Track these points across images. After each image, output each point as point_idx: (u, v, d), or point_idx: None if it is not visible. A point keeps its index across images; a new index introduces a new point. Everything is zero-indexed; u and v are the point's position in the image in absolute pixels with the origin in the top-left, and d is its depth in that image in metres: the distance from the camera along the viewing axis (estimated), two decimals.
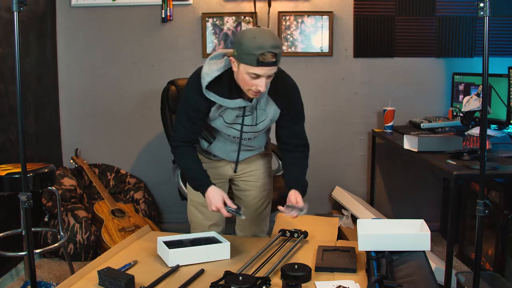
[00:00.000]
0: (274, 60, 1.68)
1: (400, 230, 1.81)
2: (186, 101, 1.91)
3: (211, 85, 1.83)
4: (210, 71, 1.81)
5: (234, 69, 1.76)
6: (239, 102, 1.83)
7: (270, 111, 1.93)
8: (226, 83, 1.83)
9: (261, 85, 1.72)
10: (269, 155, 2.29)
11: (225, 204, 1.87)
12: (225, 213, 1.86)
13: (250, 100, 1.85)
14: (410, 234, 1.75)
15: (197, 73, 1.86)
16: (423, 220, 1.80)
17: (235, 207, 1.87)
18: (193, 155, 1.98)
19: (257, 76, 1.70)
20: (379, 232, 1.79)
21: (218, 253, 1.82)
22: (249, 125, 1.94)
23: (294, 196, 1.91)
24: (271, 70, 1.71)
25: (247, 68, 1.69)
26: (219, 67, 1.82)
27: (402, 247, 1.69)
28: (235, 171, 2.14)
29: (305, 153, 2.04)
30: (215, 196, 1.87)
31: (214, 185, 1.93)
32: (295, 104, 2.00)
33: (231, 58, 1.75)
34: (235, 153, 2.07)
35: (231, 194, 2.28)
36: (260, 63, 1.66)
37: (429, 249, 1.71)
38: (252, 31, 1.71)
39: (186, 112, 1.91)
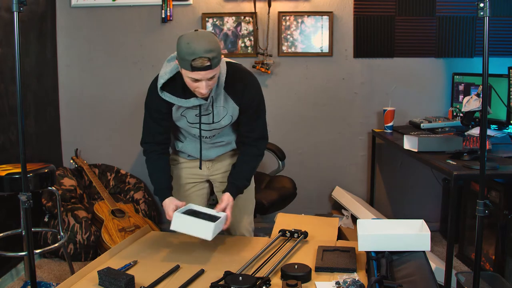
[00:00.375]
0: (208, 64, 1.69)
1: (400, 230, 1.81)
2: (147, 104, 1.97)
3: (166, 86, 1.87)
4: (164, 73, 1.86)
5: (181, 70, 1.78)
6: (193, 101, 1.86)
7: (229, 108, 1.95)
8: (180, 84, 1.85)
9: (202, 87, 1.74)
10: None
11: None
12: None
13: (206, 98, 1.87)
14: (410, 234, 1.75)
15: (157, 75, 1.91)
16: (423, 220, 1.80)
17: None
18: (159, 164, 2.02)
19: (196, 80, 1.73)
20: (379, 232, 1.79)
21: (202, 231, 1.79)
22: (209, 123, 1.96)
23: (225, 203, 1.94)
24: (208, 74, 1.72)
25: (186, 72, 1.73)
26: (172, 69, 1.86)
27: (402, 247, 1.69)
28: (199, 167, 2.13)
29: (259, 149, 2.05)
30: (167, 205, 1.92)
31: (172, 196, 1.98)
32: (254, 101, 1.98)
33: (176, 61, 1.79)
34: (207, 151, 2.10)
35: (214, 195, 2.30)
36: (194, 68, 1.69)
37: (429, 249, 1.71)
38: (188, 36, 1.72)
39: (149, 113, 1.97)
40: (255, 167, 2.09)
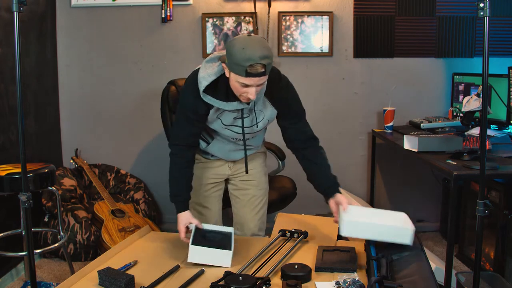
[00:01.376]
0: (263, 71, 1.68)
1: (384, 221, 1.80)
2: (184, 105, 1.93)
3: (208, 89, 1.84)
4: (207, 75, 1.83)
5: (227, 75, 1.78)
6: (236, 105, 1.86)
7: (267, 112, 1.96)
8: (223, 87, 1.84)
9: (251, 93, 1.74)
10: (264, 154, 2.32)
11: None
12: (183, 238, 1.89)
13: (248, 102, 1.86)
14: (394, 226, 1.76)
15: (194, 77, 1.88)
16: (405, 214, 1.86)
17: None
18: (185, 172, 2.00)
19: (247, 85, 1.72)
20: (362, 220, 1.79)
21: (221, 260, 1.79)
22: (248, 127, 1.96)
23: (344, 200, 2.00)
24: (260, 80, 1.71)
25: (237, 77, 1.71)
26: (215, 71, 1.83)
27: (383, 237, 1.71)
28: (246, 172, 2.15)
29: (317, 146, 2.08)
30: (183, 219, 1.92)
31: (189, 209, 1.97)
32: (293, 104, 2.02)
33: (223, 64, 1.76)
34: (233, 153, 2.11)
35: (227, 194, 2.30)
36: (248, 74, 1.67)
37: (410, 244, 1.71)
38: (242, 41, 1.69)
39: (185, 115, 1.93)
40: (326, 160, 2.11)
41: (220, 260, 1.78)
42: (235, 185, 2.24)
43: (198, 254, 1.78)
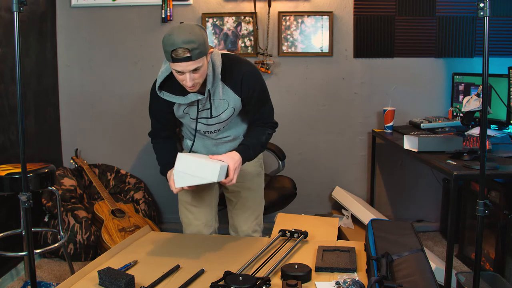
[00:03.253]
0: (188, 55, 1.67)
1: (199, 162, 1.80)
2: (149, 106, 2.02)
3: (164, 86, 1.88)
4: (161, 72, 1.87)
5: None
6: (190, 97, 1.85)
7: (230, 100, 1.93)
8: (177, 81, 1.84)
9: (186, 79, 1.74)
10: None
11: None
12: (176, 190, 1.91)
13: (203, 92, 1.87)
14: (204, 162, 1.77)
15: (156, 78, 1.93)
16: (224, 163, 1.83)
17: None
18: (164, 146, 2.09)
19: (180, 72, 1.73)
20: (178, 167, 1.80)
21: (207, 173, 1.76)
22: (207, 117, 1.95)
23: (225, 156, 1.90)
24: (189, 65, 1.70)
25: (170, 65, 1.75)
26: (167, 67, 1.86)
27: (196, 173, 1.76)
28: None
29: (265, 129, 2.05)
30: (170, 177, 1.95)
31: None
32: (255, 90, 1.95)
33: None
34: (216, 148, 2.09)
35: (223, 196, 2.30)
36: (174, 59, 1.69)
37: (216, 180, 1.75)
38: (172, 28, 1.72)
39: (152, 111, 2.03)
40: (264, 133, 2.04)
41: (207, 173, 1.75)
42: (227, 188, 2.22)
43: (183, 175, 1.78)
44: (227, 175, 1.86)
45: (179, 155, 1.81)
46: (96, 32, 3.36)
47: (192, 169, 1.78)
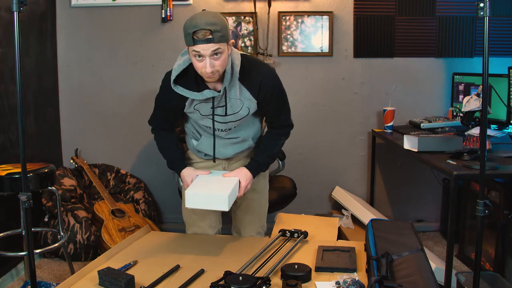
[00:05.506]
0: (210, 36, 1.68)
1: (208, 189, 1.85)
2: (159, 98, 2.02)
3: (179, 79, 1.87)
4: (177, 65, 1.86)
5: (188, 52, 1.80)
6: (206, 93, 1.84)
7: (245, 100, 1.91)
8: (193, 76, 1.85)
9: (206, 65, 1.72)
10: None
11: None
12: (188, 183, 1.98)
13: (218, 90, 1.86)
14: (211, 193, 1.80)
15: (169, 71, 1.93)
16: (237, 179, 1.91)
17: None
18: (170, 138, 2.07)
19: (201, 57, 1.73)
20: (190, 191, 1.84)
21: (218, 204, 1.81)
22: (222, 115, 1.93)
23: (235, 173, 1.99)
24: (210, 47, 1.70)
25: (190, 49, 1.75)
26: (184, 60, 1.86)
27: (205, 206, 1.82)
28: (213, 161, 2.12)
29: (284, 131, 2.08)
30: (187, 175, 2.00)
31: (189, 165, 2.06)
32: (274, 93, 1.95)
33: (187, 47, 1.78)
34: (222, 149, 2.06)
35: None
36: (195, 41, 1.69)
37: (227, 209, 1.80)
38: (194, 14, 1.75)
39: (160, 106, 2.03)
40: (277, 145, 2.05)
41: (217, 204, 1.79)
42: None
43: (195, 200, 1.82)
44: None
45: (186, 193, 1.84)
46: (96, 32, 3.36)
47: (203, 203, 1.83)
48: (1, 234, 2.48)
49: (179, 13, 3.33)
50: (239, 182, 1.93)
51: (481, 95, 2.21)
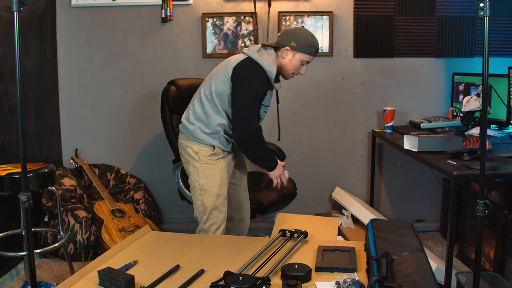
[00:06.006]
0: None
1: None
2: (255, 91, 2.15)
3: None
4: (272, 61, 2.15)
5: (286, 57, 2.17)
6: (278, 85, 2.27)
7: (273, 93, 2.36)
8: (273, 72, 2.17)
9: (304, 70, 2.22)
10: None
11: None
12: (284, 179, 2.38)
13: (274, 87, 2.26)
14: None
15: (255, 65, 2.14)
16: None
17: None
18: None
19: (307, 63, 2.20)
20: None
21: None
22: (268, 106, 2.30)
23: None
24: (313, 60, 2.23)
25: (305, 56, 2.16)
26: (274, 59, 2.17)
27: None
28: (279, 139, 2.60)
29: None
30: (281, 166, 2.35)
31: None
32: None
33: (287, 48, 2.15)
34: None
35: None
36: (315, 54, 2.19)
37: None
38: (306, 30, 2.20)
39: (258, 101, 2.18)
40: None
41: None
42: (233, 174, 2.44)
43: None
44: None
45: None
46: (96, 32, 3.36)
47: None
48: (1, 234, 2.47)
49: (179, 13, 3.33)
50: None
51: (481, 95, 2.21)
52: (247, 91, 2.11)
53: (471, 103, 2.31)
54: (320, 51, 3.33)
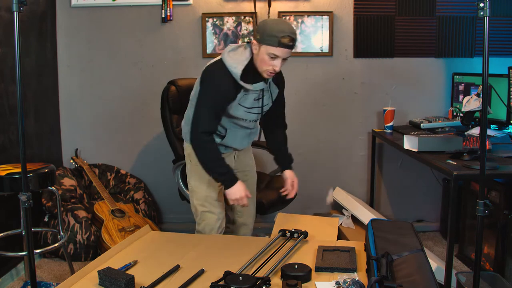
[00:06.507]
0: (291, 44, 1.92)
1: None
2: (215, 93, 2.02)
3: (241, 74, 2.01)
4: (238, 61, 2.00)
5: (255, 51, 1.98)
6: (261, 85, 2.06)
7: (273, 91, 2.19)
8: (250, 70, 2.01)
9: (278, 65, 1.96)
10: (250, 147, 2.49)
11: None
12: (246, 201, 2.12)
13: (266, 81, 2.08)
14: None
15: (221, 66, 2.01)
16: None
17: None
18: (219, 150, 2.12)
19: (275, 57, 1.94)
20: None
21: None
22: (260, 106, 2.14)
23: (291, 179, 2.33)
24: (288, 53, 1.95)
25: (268, 48, 1.93)
26: (246, 56, 2.01)
27: None
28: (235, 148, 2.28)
29: (284, 131, 2.39)
30: (243, 188, 2.10)
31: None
32: (284, 85, 2.28)
33: (254, 41, 1.98)
34: (244, 139, 2.25)
35: None
36: (280, 44, 1.90)
37: None
38: (275, 19, 2.08)
39: (215, 103, 2.03)
40: (286, 139, 2.40)
41: None
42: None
43: None
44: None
45: None
46: (96, 32, 3.36)
47: None
48: (1, 234, 2.47)
49: (179, 13, 3.33)
50: (294, 180, 2.32)
51: (481, 95, 2.21)
52: (204, 96, 2.03)
53: (471, 103, 2.31)
54: (320, 51, 3.34)
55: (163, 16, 3.31)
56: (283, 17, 3.30)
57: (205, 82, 2.04)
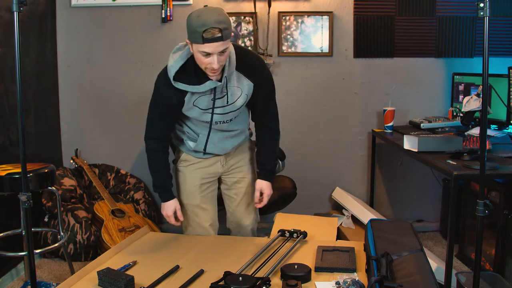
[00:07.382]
0: (219, 35, 1.67)
1: None
2: (157, 99, 1.95)
3: (178, 76, 1.85)
4: (174, 62, 1.84)
5: (191, 50, 1.79)
6: (208, 85, 1.84)
7: (244, 87, 1.94)
8: (192, 70, 1.85)
9: (213, 62, 1.73)
10: (252, 150, 2.31)
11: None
12: (173, 221, 2.08)
13: (219, 80, 1.86)
14: None
15: (164, 70, 1.90)
16: None
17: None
18: (165, 162, 2.04)
19: (208, 54, 1.72)
20: None
21: None
22: (223, 106, 1.94)
23: (258, 190, 2.14)
24: (219, 46, 1.70)
25: (197, 47, 1.72)
26: (182, 56, 1.84)
27: None
28: (204, 150, 2.11)
29: (275, 129, 2.18)
30: (171, 207, 2.07)
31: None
32: (267, 79, 2.03)
33: (187, 40, 1.78)
34: (223, 142, 2.10)
35: (220, 192, 2.32)
36: (205, 40, 1.67)
37: None
38: (198, 10, 1.71)
39: (157, 109, 1.96)
40: (276, 145, 2.19)
41: None
42: (227, 185, 2.25)
43: None
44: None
45: None
46: (96, 32, 3.36)
47: None
48: (1, 234, 2.48)
49: (179, 13, 3.33)
50: (264, 192, 2.11)
51: (481, 95, 2.21)
52: (150, 102, 1.99)
53: (471, 103, 2.31)
54: (320, 51, 3.34)
55: (163, 16, 3.31)
56: (283, 17, 3.30)
57: (154, 87, 1.98)
